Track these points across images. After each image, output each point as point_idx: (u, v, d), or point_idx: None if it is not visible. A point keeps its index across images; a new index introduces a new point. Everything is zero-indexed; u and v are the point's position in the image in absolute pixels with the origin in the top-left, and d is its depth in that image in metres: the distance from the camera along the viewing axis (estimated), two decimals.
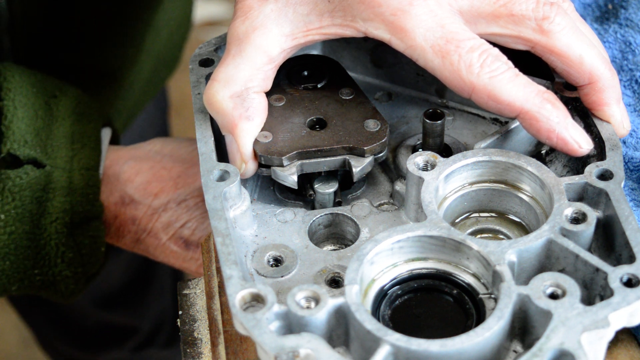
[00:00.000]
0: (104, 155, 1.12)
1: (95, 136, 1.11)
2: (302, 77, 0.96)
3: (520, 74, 0.85)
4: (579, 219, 0.81)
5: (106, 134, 1.15)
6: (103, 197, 1.10)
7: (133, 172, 1.10)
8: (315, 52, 1.02)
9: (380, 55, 1.01)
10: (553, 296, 0.76)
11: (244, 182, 0.90)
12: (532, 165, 0.84)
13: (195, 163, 1.09)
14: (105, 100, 1.44)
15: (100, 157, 1.11)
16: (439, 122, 0.89)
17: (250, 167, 0.88)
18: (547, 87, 0.90)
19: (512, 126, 0.89)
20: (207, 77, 0.94)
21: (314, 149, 0.89)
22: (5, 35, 1.27)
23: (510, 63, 0.85)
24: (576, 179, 0.83)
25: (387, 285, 0.81)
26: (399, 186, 0.91)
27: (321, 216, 0.90)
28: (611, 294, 0.76)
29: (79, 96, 1.15)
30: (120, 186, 1.10)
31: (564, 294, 0.75)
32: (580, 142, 0.84)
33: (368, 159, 0.89)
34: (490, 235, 0.88)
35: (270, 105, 0.92)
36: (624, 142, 0.94)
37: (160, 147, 1.13)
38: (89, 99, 1.16)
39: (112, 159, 1.12)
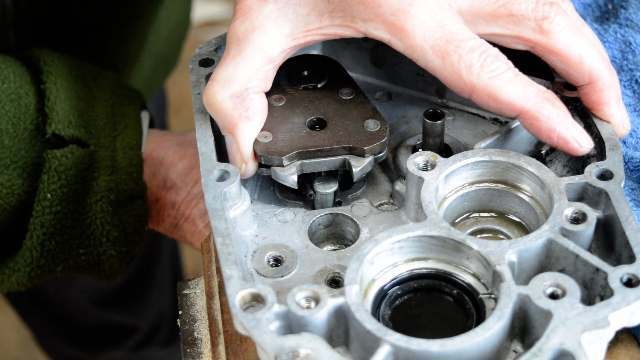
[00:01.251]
0: (145, 135, 1.13)
1: (135, 117, 1.13)
2: (302, 77, 0.96)
3: (520, 73, 0.85)
4: (579, 219, 0.81)
5: (145, 116, 1.16)
6: (146, 180, 1.11)
7: (177, 156, 1.11)
8: (315, 52, 1.02)
9: (380, 55, 1.01)
10: (553, 296, 0.76)
11: (244, 182, 0.90)
12: (532, 165, 0.84)
13: None
14: None
15: (142, 137, 1.12)
16: (439, 122, 0.89)
17: (251, 167, 0.88)
18: (547, 87, 0.90)
19: (512, 126, 0.89)
20: (207, 77, 0.94)
21: (314, 149, 0.89)
22: (11, 31, 1.27)
23: (510, 63, 0.85)
24: (576, 179, 0.83)
25: (387, 285, 0.81)
26: (399, 186, 0.91)
27: (321, 216, 0.90)
28: (611, 294, 0.76)
29: (116, 79, 1.16)
30: (164, 170, 1.11)
31: (564, 294, 0.75)
32: (580, 141, 0.85)
33: (368, 159, 0.89)
34: (490, 235, 0.88)
35: (270, 105, 0.92)
36: (624, 142, 0.94)
37: None
38: (126, 83, 1.18)
39: (157, 142, 1.13)
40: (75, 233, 1.08)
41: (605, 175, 0.83)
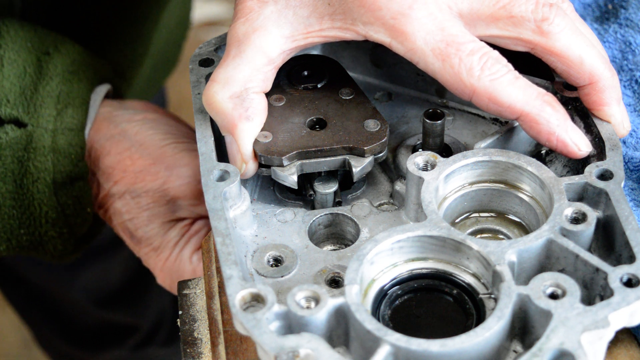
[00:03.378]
0: (92, 115, 1.11)
1: (82, 97, 1.11)
2: (302, 77, 0.96)
3: (520, 76, 0.85)
4: (579, 219, 0.81)
5: (99, 93, 1.14)
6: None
7: (104, 152, 1.10)
8: (315, 52, 1.02)
9: (380, 56, 1.01)
10: (553, 296, 0.76)
11: (244, 182, 0.90)
12: (532, 165, 0.84)
13: (161, 161, 1.09)
14: None
15: (87, 118, 1.10)
16: (439, 122, 0.90)
17: (251, 167, 0.88)
18: (547, 88, 0.90)
19: (512, 126, 0.90)
20: (207, 77, 0.94)
21: (314, 149, 0.89)
22: None
23: (510, 65, 0.85)
24: (576, 179, 0.83)
25: (387, 285, 0.81)
26: (399, 186, 0.91)
27: (321, 216, 0.90)
28: (611, 294, 0.76)
29: (76, 54, 1.14)
30: (92, 159, 1.11)
31: (564, 294, 0.75)
32: (579, 144, 0.85)
33: (368, 159, 0.89)
34: (490, 235, 0.88)
35: (270, 105, 0.92)
36: (624, 142, 0.94)
37: (136, 131, 1.11)
38: (89, 57, 1.15)
39: (102, 124, 1.11)
40: (15, 213, 1.08)
41: (605, 175, 0.84)
